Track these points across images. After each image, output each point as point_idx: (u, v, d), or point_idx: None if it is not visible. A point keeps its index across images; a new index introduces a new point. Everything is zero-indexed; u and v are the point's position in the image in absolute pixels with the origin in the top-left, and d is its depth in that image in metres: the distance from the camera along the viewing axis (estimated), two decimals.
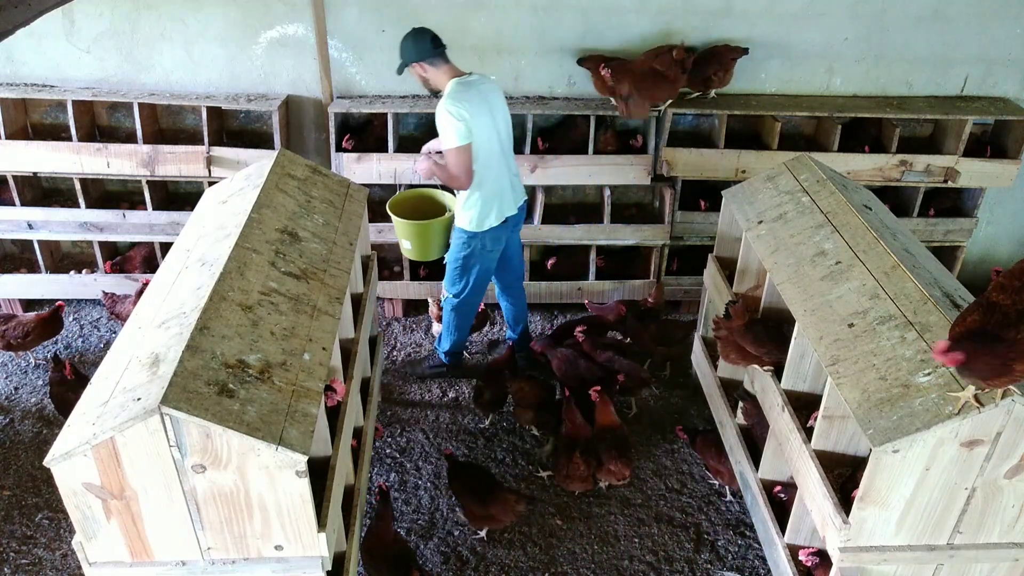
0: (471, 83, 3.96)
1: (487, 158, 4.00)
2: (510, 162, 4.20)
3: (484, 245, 4.21)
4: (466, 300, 4.42)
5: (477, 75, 4.04)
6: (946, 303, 2.86)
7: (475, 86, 3.96)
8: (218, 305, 2.75)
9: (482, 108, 3.92)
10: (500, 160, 4.08)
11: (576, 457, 3.80)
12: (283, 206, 3.48)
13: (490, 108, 3.98)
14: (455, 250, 4.28)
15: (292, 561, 2.69)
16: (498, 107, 4.06)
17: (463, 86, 3.92)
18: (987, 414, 2.44)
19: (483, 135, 3.93)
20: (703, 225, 5.18)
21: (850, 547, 2.77)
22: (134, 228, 5.05)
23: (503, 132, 4.10)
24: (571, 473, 3.83)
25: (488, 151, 3.99)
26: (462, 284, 4.35)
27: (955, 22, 4.86)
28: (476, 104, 3.88)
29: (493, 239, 4.21)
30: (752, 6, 4.81)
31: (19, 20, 2.52)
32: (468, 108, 3.83)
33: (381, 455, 4.25)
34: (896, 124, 4.94)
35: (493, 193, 4.09)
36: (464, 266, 4.28)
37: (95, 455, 2.38)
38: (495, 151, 4.03)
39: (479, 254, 4.24)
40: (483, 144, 3.95)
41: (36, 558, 3.63)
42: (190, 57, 4.86)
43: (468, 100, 3.86)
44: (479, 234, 4.16)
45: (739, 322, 3.55)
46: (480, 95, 3.94)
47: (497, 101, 4.06)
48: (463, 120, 3.81)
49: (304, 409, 2.58)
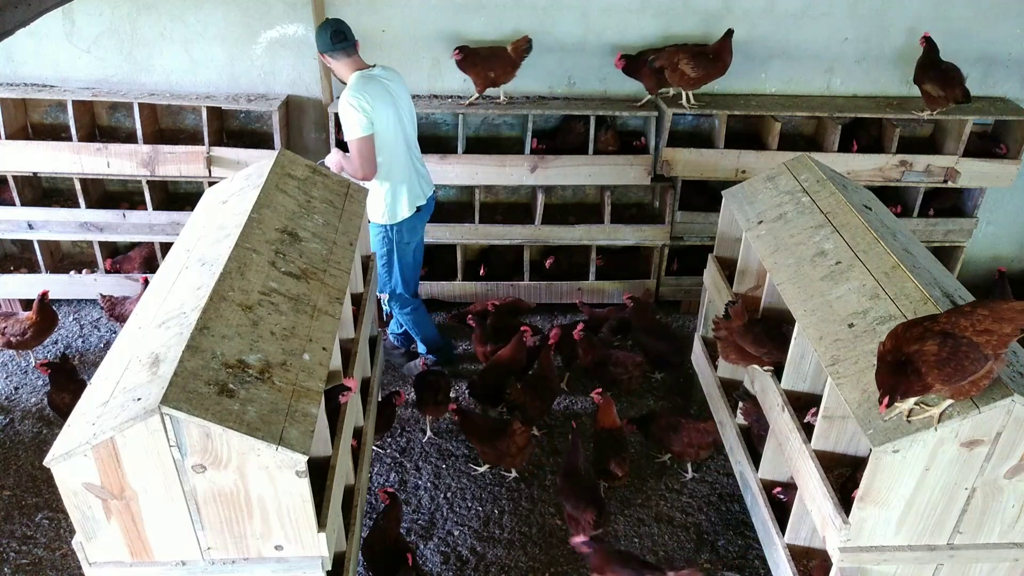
0: (373, 75, 4.03)
1: (392, 148, 4.08)
2: (417, 155, 4.29)
3: (402, 237, 4.30)
4: (401, 296, 4.50)
5: (380, 67, 4.11)
6: (946, 303, 2.86)
7: (377, 79, 4.03)
8: (218, 305, 2.75)
9: (385, 99, 3.99)
10: (405, 151, 4.16)
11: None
12: (283, 206, 3.48)
13: (393, 100, 4.05)
14: (375, 246, 4.35)
15: (292, 561, 2.69)
16: (402, 98, 4.14)
17: (365, 79, 3.99)
18: (987, 414, 2.44)
19: (387, 126, 4.01)
20: (703, 225, 5.18)
21: (850, 547, 2.77)
22: (134, 228, 5.05)
23: (407, 123, 4.17)
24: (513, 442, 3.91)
25: (393, 142, 4.07)
26: (389, 279, 4.43)
27: (955, 22, 4.86)
28: (378, 96, 3.95)
29: (409, 229, 4.31)
30: (752, 6, 4.81)
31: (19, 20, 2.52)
32: (369, 100, 3.90)
33: (381, 455, 4.25)
34: (896, 124, 4.95)
35: (401, 182, 4.17)
36: (387, 259, 4.37)
37: (95, 455, 2.38)
38: (400, 142, 4.11)
39: (398, 247, 4.32)
40: (387, 135, 4.03)
41: (36, 558, 3.63)
42: (190, 57, 4.86)
43: (370, 92, 3.93)
44: (394, 226, 4.25)
45: (739, 322, 3.55)
46: (382, 87, 4.01)
47: (401, 92, 4.14)
48: (364, 111, 3.89)
49: (304, 409, 2.58)
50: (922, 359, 2.33)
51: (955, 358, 2.31)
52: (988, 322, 2.33)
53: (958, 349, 2.31)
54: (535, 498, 4.02)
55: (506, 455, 3.95)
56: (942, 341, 2.32)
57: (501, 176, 4.98)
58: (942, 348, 2.31)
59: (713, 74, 4.71)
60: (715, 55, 4.66)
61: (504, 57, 4.71)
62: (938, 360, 2.31)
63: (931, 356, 2.32)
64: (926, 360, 2.32)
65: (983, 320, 2.34)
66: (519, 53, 4.72)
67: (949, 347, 2.31)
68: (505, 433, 3.90)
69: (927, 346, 2.33)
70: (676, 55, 4.65)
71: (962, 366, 2.32)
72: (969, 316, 2.36)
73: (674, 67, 4.67)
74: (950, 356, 2.31)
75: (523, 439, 3.90)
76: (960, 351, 2.31)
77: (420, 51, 4.88)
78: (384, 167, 4.09)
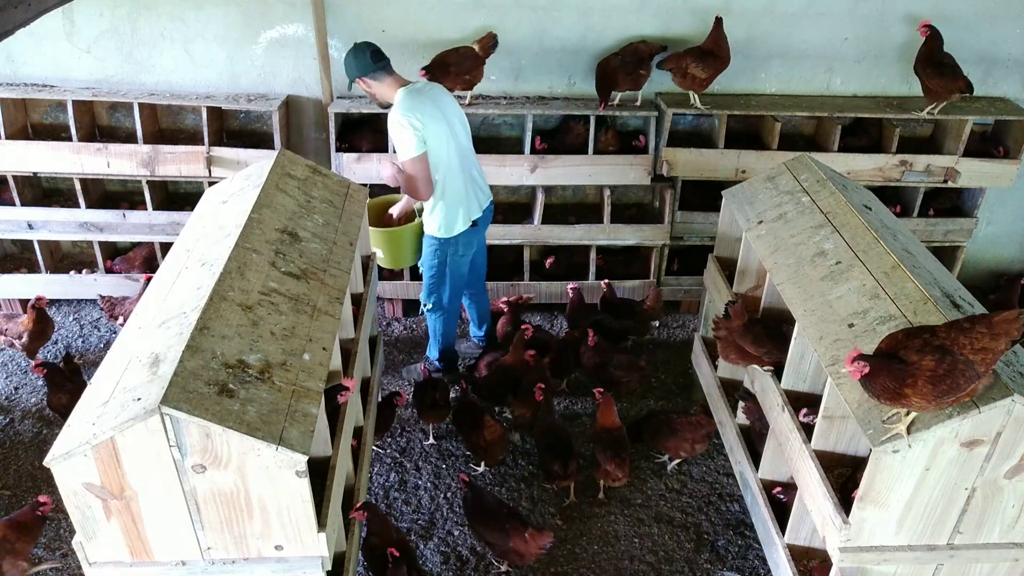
0: (420, 90, 3.93)
1: (447, 164, 3.97)
2: (472, 164, 4.18)
3: (457, 250, 4.20)
4: (447, 308, 4.43)
5: (423, 82, 4.02)
6: (946, 303, 2.86)
7: (424, 92, 3.92)
8: (218, 305, 2.75)
9: (435, 114, 3.88)
10: (460, 164, 4.04)
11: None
12: (283, 206, 3.48)
13: (443, 113, 3.94)
14: (428, 258, 4.27)
15: (292, 561, 2.69)
16: (451, 110, 4.02)
17: (412, 94, 3.88)
18: (987, 414, 2.45)
19: (439, 141, 3.90)
20: (703, 225, 5.18)
21: (850, 547, 2.77)
22: (134, 228, 5.05)
23: (461, 135, 4.06)
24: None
25: (447, 157, 3.96)
26: (440, 292, 4.35)
27: (955, 22, 4.86)
28: (428, 112, 3.84)
29: (465, 244, 4.21)
30: (752, 6, 4.81)
31: (19, 20, 2.53)
32: (420, 117, 3.80)
33: (381, 455, 4.25)
34: (896, 124, 4.95)
35: (458, 198, 4.07)
36: (439, 273, 4.28)
37: (95, 455, 2.38)
38: (454, 155, 4.00)
39: (452, 260, 4.23)
40: (441, 150, 3.92)
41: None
42: (190, 57, 4.86)
43: (420, 108, 3.82)
44: (450, 240, 4.15)
45: (739, 322, 3.55)
46: (431, 101, 3.90)
47: (449, 104, 4.02)
48: (416, 129, 3.79)
49: (304, 409, 2.58)
50: (919, 373, 2.33)
51: (951, 375, 2.32)
52: (986, 340, 2.34)
53: (955, 367, 2.32)
54: (535, 498, 4.02)
55: (477, 448, 3.98)
56: (940, 357, 2.32)
57: (501, 176, 4.98)
58: (939, 364, 2.32)
59: (720, 69, 4.71)
60: (715, 51, 4.67)
61: (475, 57, 4.66)
62: (934, 376, 2.32)
63: (927, 371, 2.32)
64: (922, 374, 2.33)
65: (981, 338, 2.35)
66: (486, 51, 4.66)
67: (947, 365, 2.32)
68: (478, 425, 3.91)
69: (925, 361, 2.33)
70: (684, 59, 4.66)
71: (957, 384, 2.33)
72: (968, 334, 2.36)
73: (684, 72, 4.68)
74: (946, 374, 2.32)
75: (492, 434, 3.90)
76: (957, 369, 2.32)
77: (420, 51, 4.87)
78: (440, 183, 3.98)
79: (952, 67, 4.66)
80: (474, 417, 3.99)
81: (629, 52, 4.75)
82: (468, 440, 4.03)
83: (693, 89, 4.81)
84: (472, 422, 3.98)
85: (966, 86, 4.64)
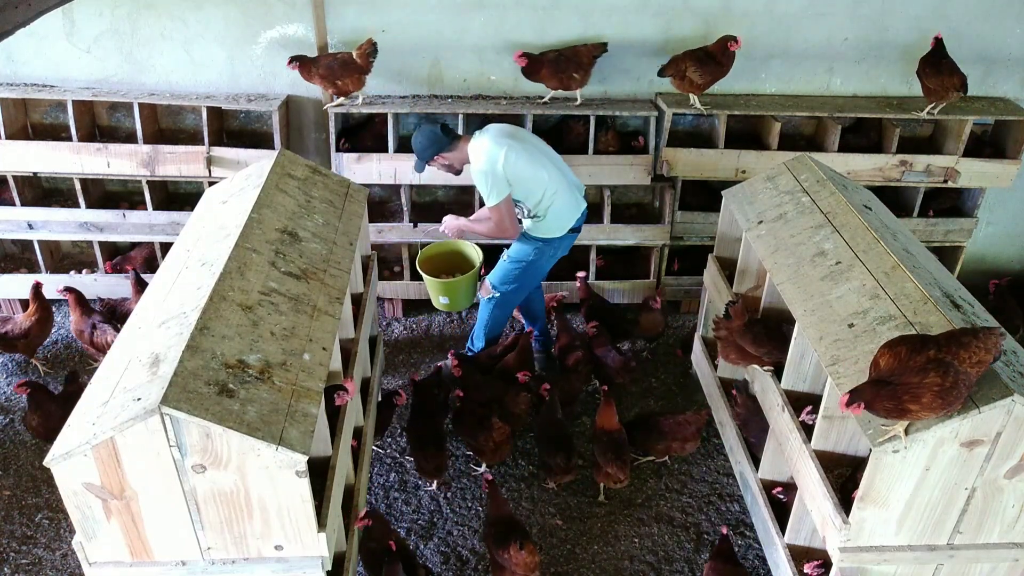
0: (485, 131, 4.04)
1: (546, 182, 4.04)
2: (566, 172, 4.24)
3: (553, 252, 4.31)
4: (510, 299, 4.51)
5: (489, 127, 4.09)
6: (946, 303, 2.86)
7: (489, 132, 4.03)
8: (218, 305, 2.75)
9: (510, 143, 3.96)
10: (556, 176, 4.10)
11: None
12: (283, 206, 3.49)
13: (509, 137, 4.02)
14: (520, 252, 4.31)
15: (292, 561, 2.69)
16: (520, 134, 4.13)
17: (479, 142, 3.98)
18: (987, 414, 2.45)
19: (523, 164, 3.97)
20: (703, 225, 5.18)
21: (850, 547, 2.77)
22: (134, 228, 5.05)
23: (544, 149, 4.16)
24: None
25: (538, 177, 4.03)
26: (515, 283, 4.40)
27: (955, 22, 4.86)
28: (495, 152, 3.92)
29: (561, 247, 4.33)
30: (752, 6, 4.81)
31: (19, 20, 2.53)
32: (492, 161, 3.90)
33: (381, 455, 4.25)
34: (896, 124, 4.95)
35: (564, 208, 4.16)
36: (524, 267, 4.34)
37: (95, 455, 2.38)
38: (544, 170, 4.05)
39: (542, 260, 4.32)
40: (528, 172, 3.99)
41: (36, 558, 3.63)
42: (190, 57, 4.86)
43: (491, 153, 3.92)
44: (552, 240, 4.24)
45: (739, 322, 3.55)
46: (500, 132, 4.01)
47: (516, 131, 4.13)
48: (495, 175, 3.89)
49: (304, 409, 2.58)
50: (928, 389, 2.40)
51: (956, 388, 2.40)
52: (982, 353, 2.44)
53: (958, 380, 2.40)
54: (535, 498, 4.02)
55: (484, 449, 3.97)
56: (945, 372, 2.39)
57: None
58: (945, 379, 2.39)
59: (718, 76, 4.71)
60: (717, 56, 4.66)
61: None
62: (941, 390, 2.39)
63: (935, 387, 2.39)
64: (931, 390, 2.39)
65: (978, 352, 2.44)
66: (365, 58, 4.58)
67: (952, 378, 2.39)
68: (484, 427, 3.91)
69: (930, 377, 2.39)
70: (683, 62, 4.66)
71: (960, 395, 2.42)
72: (968, 348, 2.44)
73: (682, 75, 4.69)
74: (952, 387, 2.39)
75: (500, 435, 3.90)
76: (959, 381, 2.40)
77: (420, 51, 4.87)
78: (545, 201, 4.07)
79: (949, 65, 4.67)
80: (479, 418, 3.99)
81: (569, 52, 4.73)
82: (474, 441, 4.01)
83: (691, 92, 4.81)
84: (477, 423, 3.97)
85: (961, 84, 4.65)
